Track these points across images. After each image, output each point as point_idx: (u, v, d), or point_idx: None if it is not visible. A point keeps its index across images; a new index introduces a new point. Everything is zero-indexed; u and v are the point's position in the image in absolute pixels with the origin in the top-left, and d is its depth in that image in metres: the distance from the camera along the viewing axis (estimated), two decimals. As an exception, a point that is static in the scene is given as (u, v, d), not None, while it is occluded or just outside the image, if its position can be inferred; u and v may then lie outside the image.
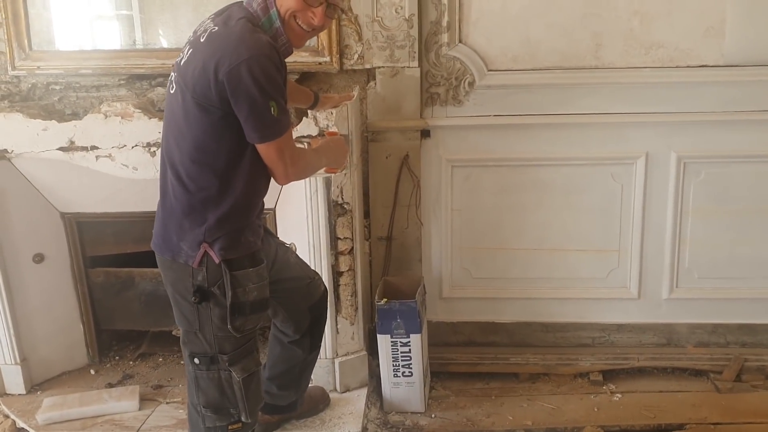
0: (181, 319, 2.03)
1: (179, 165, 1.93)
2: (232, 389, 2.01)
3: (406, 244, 3.10)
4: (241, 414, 2.05)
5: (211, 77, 1.81)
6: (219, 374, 2.00)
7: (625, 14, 2.89)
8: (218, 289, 1.94)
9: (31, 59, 2.94)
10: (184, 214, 1.94)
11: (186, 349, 2.03)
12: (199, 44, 1.89)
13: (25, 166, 2.79)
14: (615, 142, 3.01)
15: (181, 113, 1.91)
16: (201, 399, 2.03)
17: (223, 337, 1.98)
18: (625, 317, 3.20)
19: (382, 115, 2.95)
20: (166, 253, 1.99)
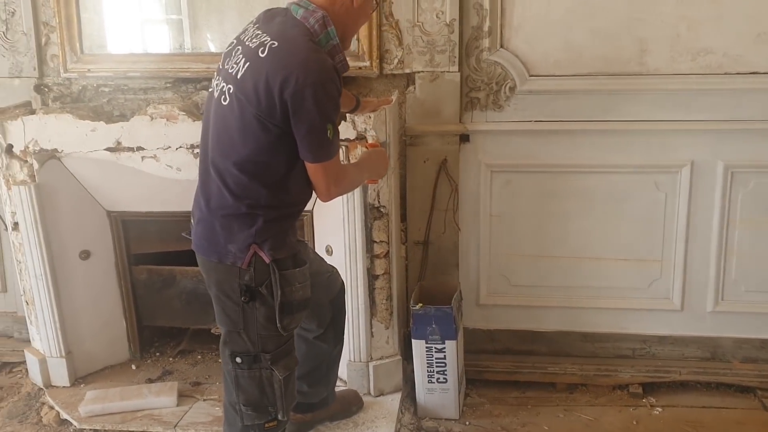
0: (225, 319, 2.05)
1: (226, 174, 1.95)
2: (272, 387, 2.04)
3: (442, 248, 3.08)
4: (279, 412, 2.08)
5: (276, 96, 1.83)
6: (260, 373, 2.04)
7: (672, 19, 2.83)
8: (265, 289, 1.96)
9: (83, 62, 3.04)
10: (232, 218, 1.96)
11: (227, 349, 2.06)
12: (257, 58, 1.88)
13: (73, 166, 2.88)
14: (659, 150, 2.95)
15: (236, 126, 1.91)
16: (241, 397, 2.06)
17: (266, 336, 2.01)
18: (668, 329, 3.13)
19: (420, 119, 2.95)
20: (212, 256, 2.01)
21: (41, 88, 3.11)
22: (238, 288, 1.96)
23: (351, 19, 2.02)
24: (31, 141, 2.80)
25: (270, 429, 2.11)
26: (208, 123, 2.03)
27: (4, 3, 3.03)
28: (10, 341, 3.41)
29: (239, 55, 1.94)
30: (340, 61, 1.98)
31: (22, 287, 3.04)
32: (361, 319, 2.79)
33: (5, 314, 3.44)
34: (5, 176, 2.88)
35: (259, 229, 1.95)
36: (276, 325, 1.99)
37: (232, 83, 1.93)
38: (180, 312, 3.20)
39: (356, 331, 2.81)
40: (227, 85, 1.95)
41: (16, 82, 3.11)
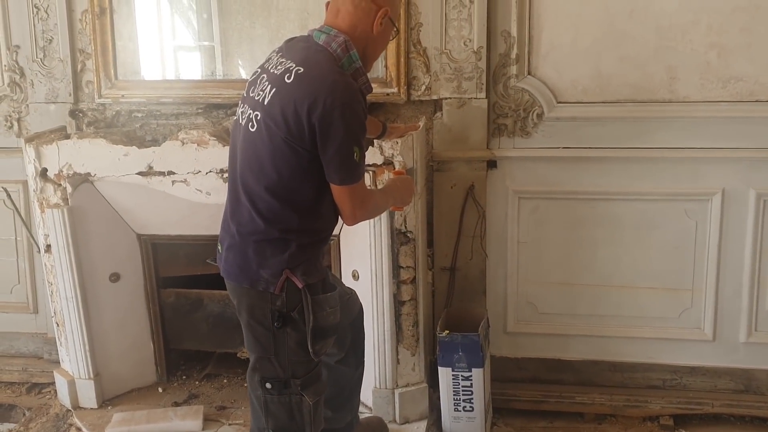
0: (255, 345, 2.04)
1: (258, 199, 1.97)
2: (301, 413, 2.04)
3: (469, 275, 3.07)
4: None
5: (304, 120, 1.86)
6: (290, 399, 2.04)
7: (702, 47, 2.82)
8: (297, 314, 1.97)
9: (117, 88, 3.11)
10: (265, 243, 1.97)
11: (256, 375, 2.05)
12: (284, 84, 1.91)
13: (105, 189, 2.92)
14: (689, 178, 2.92)
15: (266, 151, 1.94)
16: (270, 423, 2.06)
17: (296, 362, 2.02)
18: (699, 360, 3.07)
19: (448, 145, 2.96)
20: (244, 281, 2.01)
21: (76, 113, 3.18)
22: (270, 314, 1.97)
23: (371, 44, 2.06)
24: (65, 165, 2.85)
25: None
26: (235, 150, 2.06)
27: (42, 31, 3.11)
28: (41, 362, 3.44)
29: (265, 83, 1.98)
30: (364, 83, 2.03)
31: (53, 309, 3.08)
32: (387, 346, 2.78)
33: (36, 335, 3.49)
34: (39, 199, 2.93)
35: (292, 254, 1.96)
36: (306, 350, 2.00)
37: (259, 110, 1.96)
38: (207, 335, 3.21)
39: (382, 357, 2.80)
40: (254, 112, 1.98)
41: (51, 107, 3.18)
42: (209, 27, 3.24)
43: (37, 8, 3.09)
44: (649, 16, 2.83)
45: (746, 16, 2.77)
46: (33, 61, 3.14)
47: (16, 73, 3.23)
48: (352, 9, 1.99)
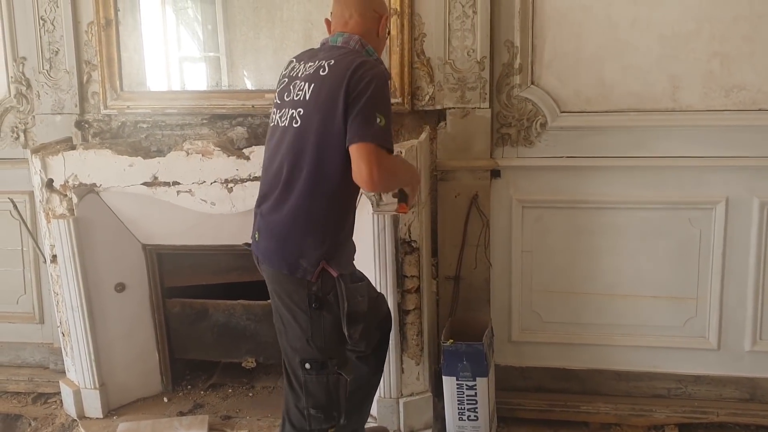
0: (294, 326, 2.18)
1: (298, 193, 2.12)
2: (338, 391, 2.20)
3: (474, 284, 3.07)
4: (342, 416, 2.23)
5: (341, 95, 2.04)
6: (327, 378, 2.18)
7: (704, 56, 2.83)
8: (332, 297, 2.13)
9: (122, 99, 3.13)
10: (305, 235, 2.12)
11: (296, 357, 2.18)
12: (320, 77, 2.12)
13: (111, 199, 2.94)
14: (693, 187, 2.92)
15: (311, 143, 2.10)
16: (310, 402, 2.19)
17: (332, 344, 2.17)
18: (704, 369, 3.06)
19: (451, 154, 2.97)
20: (283, 268, 2.16)
21: (82, 124, 3.20)
22: (307, 298, 2.12)
23: (375, 46, 2.29)
24: (71, 176, 2.87)
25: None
26: (277, 150, 2.20)
27: (48, 42, 3.14)
28: (46, 372, 3.46)
29: (300, 83, 2.17)
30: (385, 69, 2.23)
31: (59, 319, 3.09)
32: (391, 355, 2.78)
33: (42, 345, 3.50)
34: (45, 210, 2.95)
35: (328, 246, 2.13)
36: (340, 333, 2.15)
37: (302, 106, 2.14)
38: (212, 345, 3.21)
39: (387, 366, 2.78)
40: (296, 110, 2.15)
41: (57, 118, 3.20)
42: (214, 38, 3.27)
43: (44, 20, 3.11)
44: (652, 25, 2.84)
45: (748, 25, 2.78)
46: (39, 73, 3.17)
47: (23, 84, 3.26)
48: (360, 19, 2.25)
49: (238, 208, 2.80)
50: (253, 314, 3.14)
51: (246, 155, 2.77)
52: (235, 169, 2.77)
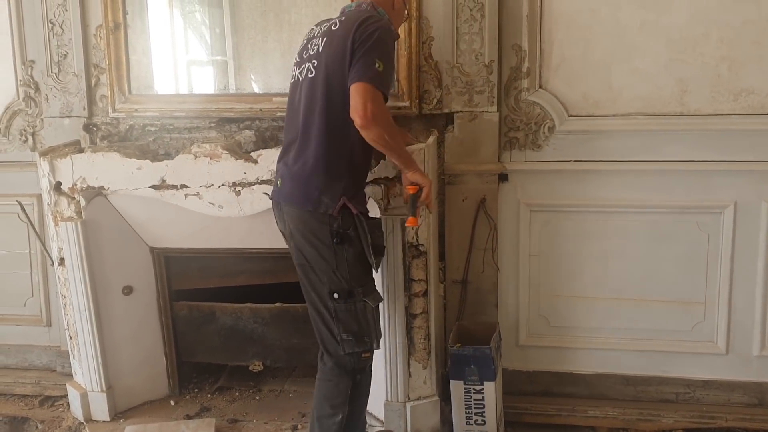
0: (320, 261, 2.35)
1: (315, 137, 2.32)
2: (366, 318, 2.38)
3: (481, 288, 3.07)
4: (373, 342, 2.42)
5: (349, 41, 2.23)
6: (355, 306, 2.36)
7: (712, 60, 2.83)
8: (353, 232, 2.32)
9: (130, 102, 3.14)
10: (325, 174, 2.31)
11: (325, 288, 2.36)
12: (332, 31, 2.33)
13: (119, 202, 2.95)
14: (701, 190, 2.92)
15: (323, 89, 2.29)
16: (341, 328, 2.37)
17: (356, 274, 2.35)
18: (712, 373, 3.05)
19: (459, 158, 2.97)
20: (307, 205, 2.33)
21: (90, 127, 3.21)
22: (330, 233, 2.31)
23: (392, 16, 2.44)
24: (79, 178, 2.88)
25: (365, 359, 2.42)
26: (295, 100, 2.42)
27: (57, 46, 3.15)
28: (53, 375, 3.46)
29: (315, 41, 2.37)
30: (394, 31, 2.39)
31: (66, 321, 3.09)
32: (399, 359, 2.78)
33: (49, 348, 3.50)
34: (53, 212, 2.96)
35: (347, 184, 2.32)
36: (363, 263, 2.36)
37: (316, 58, 2.34)
38: (219, 348, 3.21)
39: (394, 370, 2.80)
40: (311, 62, 2.35)
41: (66, 121, 3.21)
42: (222, 42, 3.27)
43: (53, 23, 3.12)
44: (660, 29, 2.84)
45: (757, 28, 2.78)
46: (48, 76, 3.18)
47: (31, 87, 3.27)
48: None
49: (246, 211, 2.80)
50: (260, 317, 3.14)
51: (254, 158, 2.77)
52: (243, 172, 2.77)
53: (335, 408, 2.41)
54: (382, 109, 2.21)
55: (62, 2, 3.10)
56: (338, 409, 2.41)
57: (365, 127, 2.19)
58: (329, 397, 2.43)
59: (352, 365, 2.40)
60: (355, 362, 2.39)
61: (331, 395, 2.42)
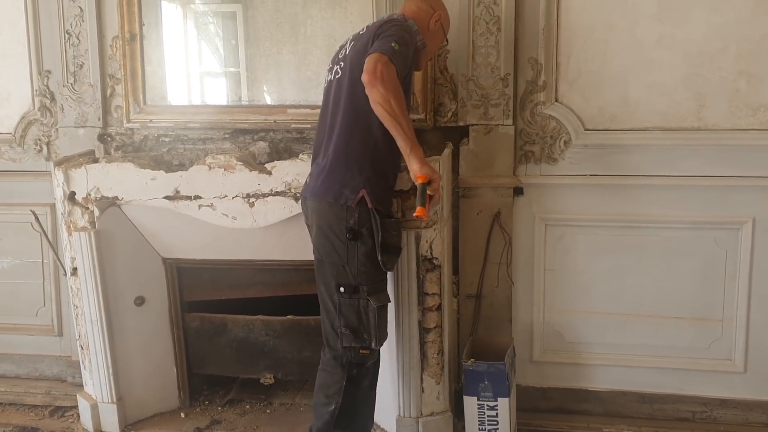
0: (332, 253, 2.42)
1: (338, 133, 2.40)
2: (367, 316, 2.41)
3: (495, 303, 3.04)
4: (372, 341, 2.44)
5: (373, 31, 2.35)
6: (358, 302, 2.41)
7: (731, 75, 2.80)
8: (366, 231, 2.36)
9: (145, 113, 3.14)
10: (346, 168, 2.38)
11: (333, 281, 2.43)
12: (359, 35, 2.44)
13: (132, 213, 2.94)
14: (719, 206, 2.89)
15: (345, 88, 2.40)
16: (342, 322, 2.43)
17: (364, 272, 2.39)
18: (730, 392, 3.00)
19: (474, 171, 2.95)
20: (328, 196, 2.40)
21: (104, 137, 3.21)
22: (345, 228, 2.36)
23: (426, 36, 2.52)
24: (93, 188, 2.88)
25: (363, 356, 2.45)
26: (327, 102, 2.51)
27: (73, 56, 3.16)
28: (63, 385, 3.44)
29: (346, 45, 2.49)
30: (420, 41, 2.48)
31: (78, 332, 3.08)
32: (412, 374, 2.76)
33: (60, 358, 3.49)
34: (67, 222, 2.95)
35: (367, 178, 2.37)
36: (373, 262, 2.39)
37: (343, 60, 2.45)
38: (230, 361, 3.19)
39: (407, 385, 2.77)
40: (340, 64, 2.46)
41: (81, 131, 3.22)
42: (235, 53, 3.28)
43: (69, 34, 3.14)
44: (677, 43, 2.82)
45: (776, 44, 2.76)
46: (63, 86, 3.19)
47: (47, 97, 3.28)
48: (415, 8, 2.54)
49: (259, 222, 2.79)
50: (272, 330, 3.12)
51: (268, 170, 2.76)
52: (257, 183, 2.77)
53: (329, 398, 2.48)
54: (392, 76, 2.22)
55: (79, 13, 3.12)
56: (332, 399, 2.47)
57: (371, 84, 2.21)
58: (324, 386, 2.51)
59: (348, 359, 2.45)
60: (351, 356, 2.45)
61: (326, 385, 2.50)
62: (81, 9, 3.11)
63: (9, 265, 3.47)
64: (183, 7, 3.31)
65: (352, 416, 2.51)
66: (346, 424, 2.50)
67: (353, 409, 2.51)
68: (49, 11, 3.17)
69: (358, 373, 2.47)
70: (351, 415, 2.51)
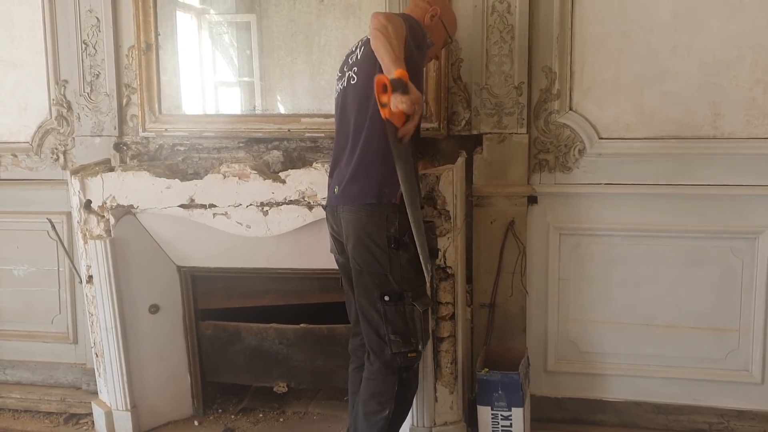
0: (373, 263, 2.38)
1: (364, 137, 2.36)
2: (413, 321, 2.40)
3: (509, 312, 3.03)
4: (419, 343, 2.43)
5: None
6: (404, 308, 2.39)
7: (747, 83, 2.79)
8: (408, 238, 2.33)
9: (160, 122, 3.16)
10: (380, 167, 2.33)
11: (376, 291, 2.39)
12: (368, 40, 2.35)
13: (147, 221, 2.96)
14: (735, 215, 2.86)
15: (365, 89, 2.34)
16: (389, 329, 2.40)
17: (407, 278, 2.38)
18: (747, 403, 2.97)
19: (487, 180, 2.94)
20: (368, 198, 2.36)
21: (120, 146, 3.24)
22: (386, 238, 2.34)
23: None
24: (109, 197, 2.90)
25: (412, 359, 2.44)
26: (344, 107, 2.47)
27: (90, 66, 3.19)
28: (78, 392, 3.46)
29: (355, 51, 2.48)
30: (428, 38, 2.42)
31: (93, 339, 3.10)
32: (425, 383, 2.75)
33: (75, 365, 3.51)
34: (83, 230, 2.98)
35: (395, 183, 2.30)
36: (415, 267, 2.35)
37: (356, 65, 2.43)
38: (244, 369, 3.20)
39: (420, 395, 2.75)
40: (352, 69, 2.44)
41: (97, 140, 3.24)
42: (249, 63, 3.30)
43: (86, 44, 3.17)
44: (693, 52, 2.81)
45: (792, 52, 2.75)
46: (80, 96, 3.22)
47: (64, 106, 3.31)
48: (412, 6, 2.57)
49: (273, 231, 2.80)
50: (285, 338, 3.12)
51: (282, 179, 2.77)
52: (271, 192, 2.77)
53: (382, 404, 2.46)
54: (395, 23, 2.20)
55: (96, 23, 3.15)
56: (385, 405, 2.46)
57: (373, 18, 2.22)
58: (376, 394, 2.48)
59: (398, 364, 2.43)
60: (401, 361, 2.43)
61: (378, 392, 2.47)
62: (98, 19, 3.15)
63: (25, 273, 3.50)
64: (198, 17, 3.34)
65: (403, 418, 2.55)
66: (398, 425, 2.53)
67: (405, 411, 2.55)
68: (67, 22, 3.20)
69: (407, 376, 2.48)
70: (402, 417, 2.54)
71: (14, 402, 3.46)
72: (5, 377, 3.60)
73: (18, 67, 3.35)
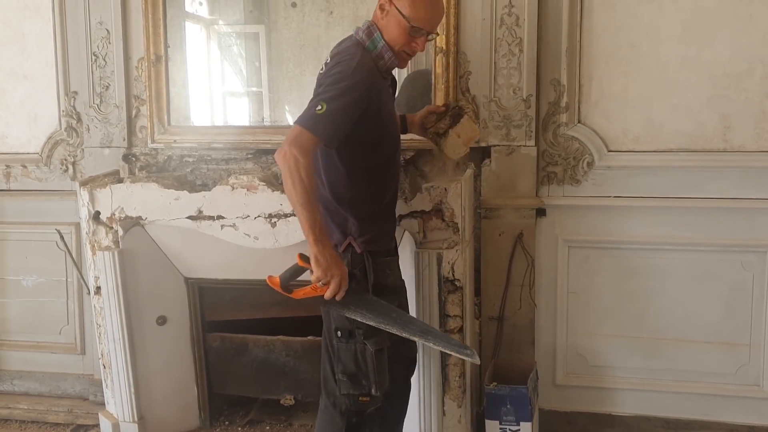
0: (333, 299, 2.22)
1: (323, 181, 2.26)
2: (365, 361, 2.25)
3: (518, 325, 3.01)
4: (372, 386, 2.26)
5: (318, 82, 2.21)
6: (355, 347, 2.25)
7: (757, 96, 2.78)
8: (359, 271, 2.24)
9: (169, 134, 3.17)
10: (330, 219, 2.26)
11: (333, 325, 2.28)
12: (320, 75, 2.25)
13: (155, 232, 2.96)
14: (745, 229, 2.85)
15: None
16: (339, 368, 2.28)
17: None
18: (758, 419, 2.94)
19: (496, 192, 2.94)
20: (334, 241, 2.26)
21: (129, 157, 3.24)
22: None
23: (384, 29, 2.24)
24: (118, 208, 2.90)
25: (363, 403, 2.29)
26: None
27: (100, 77, 3.21)
28: (86, 404, 3.46)
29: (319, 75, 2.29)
30: (389, 58, 2.25)
31: (101, 350, 3.10)
32: (433, 397, 2.73)
33: (82, 376, 3.51)
34: (91, 241, 2.98)
35: (352, 225, 2.25)
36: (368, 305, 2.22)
37: None
38: (251, 381, 3.19)
39: (427, 408, 2.75)
40: None
41: (106, 151, 3.25)
42: (258, 74, 3.31)
43: (96, 56, 3.19)
44: (702, 64, 2.81)
45: (803, 65, 2.73)
46: (90, 107, 3.24)
47: (73, 118, 3.32)
48: (376, 7, 2.28)
49: (281, 243, 2.80)
50: (292, 350, 3.12)
51: (290, 190, 2.77)
52: (279, 203, 2.77)
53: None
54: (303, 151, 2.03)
55: (106, 35, 3.17)
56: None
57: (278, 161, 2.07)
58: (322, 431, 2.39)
59: (347, 407, 2.29)
60: (350, 404, 2.29)
61: (325, 431, 2.38)
62: (108, 31, 3.16)
63: (34, 283, 3.51)
64: (207, 28, 3.35)
65: None
66: None
67: None
68: (77, 34, 3.22)
69: (358, 421, 2.32)
70: None
71: (21, 413, 3.46)
72: (13, 388, 3.60)
73: (28, 79, 3.37)
